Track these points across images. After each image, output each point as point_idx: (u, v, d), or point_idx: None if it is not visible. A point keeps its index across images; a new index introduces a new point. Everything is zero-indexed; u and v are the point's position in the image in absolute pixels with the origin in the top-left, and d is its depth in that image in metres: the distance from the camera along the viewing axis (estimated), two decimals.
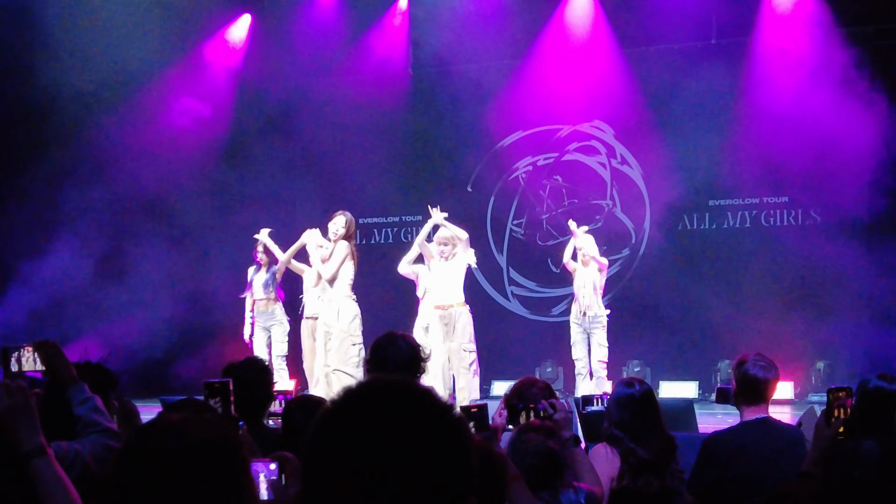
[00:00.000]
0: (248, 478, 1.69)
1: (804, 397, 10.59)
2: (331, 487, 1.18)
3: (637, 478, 3.96)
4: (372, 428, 1.19)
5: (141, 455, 1.62)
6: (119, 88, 11.21)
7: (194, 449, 1.61)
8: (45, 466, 2.14)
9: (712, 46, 11.56)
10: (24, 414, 2.17)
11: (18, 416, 2.17)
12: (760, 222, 11.60)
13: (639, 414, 4.04)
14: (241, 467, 1.68)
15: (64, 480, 2.14)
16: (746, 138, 11.08)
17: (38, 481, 2.12)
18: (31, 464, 2.14)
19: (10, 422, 2.16)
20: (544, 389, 3.83)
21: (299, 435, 3.16)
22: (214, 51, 12.52)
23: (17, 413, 2.17)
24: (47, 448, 2.17)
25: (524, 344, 11.75)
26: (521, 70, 12.12)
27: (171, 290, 11.38)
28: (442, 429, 1.22)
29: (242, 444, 1.70)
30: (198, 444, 1.62)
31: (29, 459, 2.14)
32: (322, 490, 1.19)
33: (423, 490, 1.18)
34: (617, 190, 12.23)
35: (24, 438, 2.16)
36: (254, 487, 1.74)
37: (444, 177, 12.50)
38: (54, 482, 2.12)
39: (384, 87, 12.45)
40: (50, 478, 2.13)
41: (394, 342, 3.83)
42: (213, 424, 1.69)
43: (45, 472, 2.13)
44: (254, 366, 4.03)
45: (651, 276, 11.84)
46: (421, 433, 1.20)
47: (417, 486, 1.17)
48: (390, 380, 1.27)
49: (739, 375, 3.90)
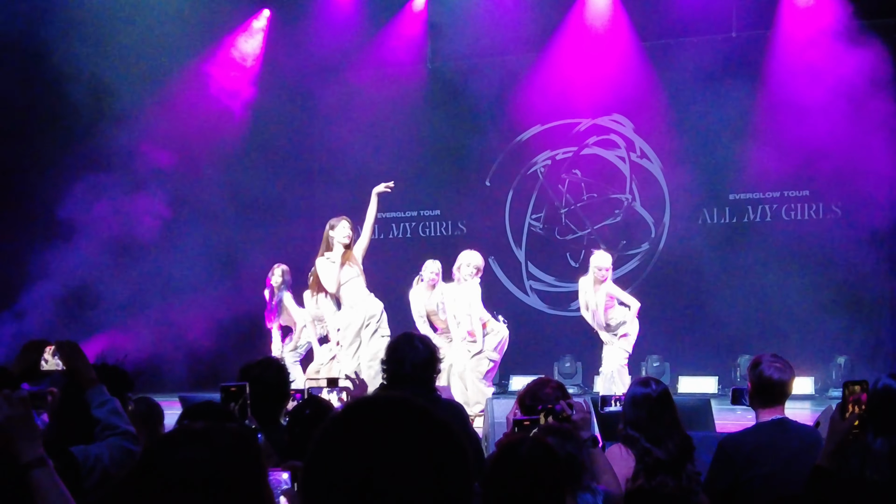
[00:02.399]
0: (267, 488, 1.71)
1: (824, 393, 10.52)
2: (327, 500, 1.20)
3: (652, 478, 3.94)
4: (371, 445, 1.21)
5: (162, 465, 1.63)
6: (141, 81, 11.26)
7: (216, 459, 1.62)
8: (45, 477, 2.13)
9: (733, 39, 11.48)
10: (24, 425, 2.16)
11: (18, 427, 2.15)
12: (781, 216, 11.53)
13: (655, 414, 4.02)
14: (261, 477, 1.70)
15: (63, 492, 2.13)
16: (767, 132, 11.01)
17: (38, 492, 2.11)
18: (30, 475, 2.13)
19: (10, 432, 2.15)
20: (557, 389, 3.82)
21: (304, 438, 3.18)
22: (233, 47, 12.55)
23: (17, 424, 2.15)
24: (47, 459, 2.16)
25: (543, 339, 11.74)
26: (539, 64, 12.08)
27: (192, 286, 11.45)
28: (440, 445, 1.24)
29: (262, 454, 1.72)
30: (219, 453, 1.62)
31: (28, 470, 2.13)
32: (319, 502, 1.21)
33: None
34: (636, 184, 12.18)
35: (24, 449, 2.14)
36: (272, 497, 1.75)
37: (463, 171, 12.50)
38: (54, 493, 2.12)
39: (402, 82, 12.45)
40: (49, 489, 2.12)
41: (412, 343, 3.85)
42: (234, 434, 1.70)
43: (44, 483, 2.12)
44: (270, 366, 4.06)
45: (671, 270, 11.79)
46: (418, 449, 1.21)
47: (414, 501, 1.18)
48: (391, 397, 1.29)
49: (754, 377, 3.87)
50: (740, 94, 11.10)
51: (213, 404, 3.00)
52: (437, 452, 1.22)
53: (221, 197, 11.80)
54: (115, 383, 2.97)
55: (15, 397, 2.16)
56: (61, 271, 10.76)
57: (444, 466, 1.22)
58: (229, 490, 1.60)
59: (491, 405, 6.44)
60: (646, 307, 11.16)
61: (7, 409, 2.15)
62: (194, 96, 11.79)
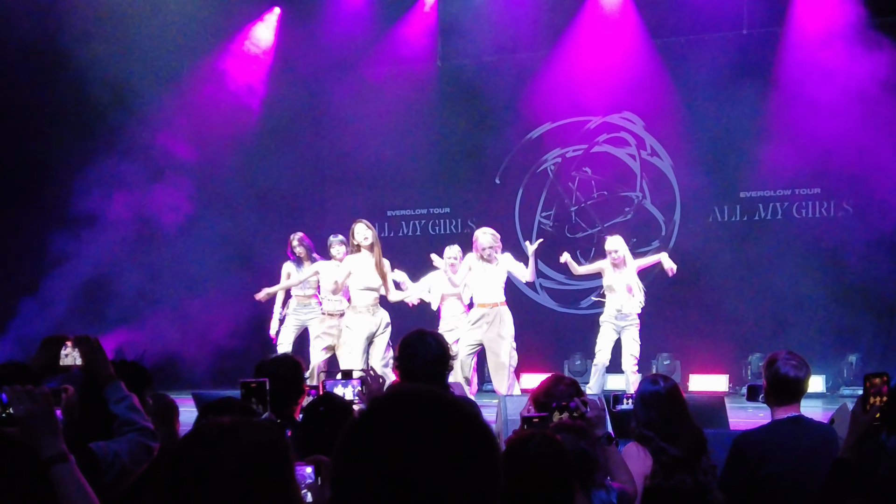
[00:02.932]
0: (295, 482, 1.72)
1: (836, 391, 10.49)
2: (361, 497, 1.20)
3: (670, 476, 3.94)
4: (400, 438, 1.21)
5: (194, 459, 1.64)
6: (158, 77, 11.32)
7: (246, 453, 1.63)
8: (66, 473, 2.13)
9: (744, 36, 11.45)
10: (47, 420, 2.17)
11: (40, 423, 2.16)
12: (792, 214, 11.49)
13: (666, 411, 4.03)
14: (290, 471, 1.71)
15: (85, 487, 2.13)
16: (778, 129, 10.97)
17: (59, 488, 2.12)
18: (52, 470, 2.13)
19: (33, 428, 2.16)
20: (571, 386, 3.82)
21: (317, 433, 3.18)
22: (245, 44, 12.58)
23: (40, 419, 2.16)
24: (68, 454, 2.17)
25: (553, 337, 11.74)
26: (550, 61, 12.06)
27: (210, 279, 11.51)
28: (470, 438, 1.24)
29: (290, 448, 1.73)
30: (250, 447, 1.64)
31: (50, 466, 2.14)
32: (352, 499, 1.21)
33: (452, 498, 1.19)
34: (647, 182, 12.16)
35: (46, 444, 2.15)
36: (300, 491, 1.76)
37: (473, 169, 12.49)
38: (75, 489, 2.12)
39: (412, 80, 12.45)
40: (71, 484, 2.12)
41: (423, 339, 3.85)
42: (263, 428, 1.72)
43: (66, 478, 2.13)
44: (286, 362, 4.08)
45: (681, 268, 11.69)
46: (449, 442, 1.22)
47: (445, 494, 1.19)
48: (418, 389, 1.29)
49: (770, 374, 3.86)
50: (752, 92, 11.06)
51: (233, 400, 3.00)
52: (466, 445, 1.23)
53: (237, 191, 11.86)
54: (134, 379, 2.98)
55: (37, 393, 2.17)
56: (81, 262, 10.86)
57: (473, 459, 1.22)
58: (259, 484, 1.62)
59: (504, 402, 6.44)
60: (656, 305, 11.18)
61: (29, 405, 2.16)
62: (210, 91, 11.88)
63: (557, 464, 2.62)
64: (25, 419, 2.15)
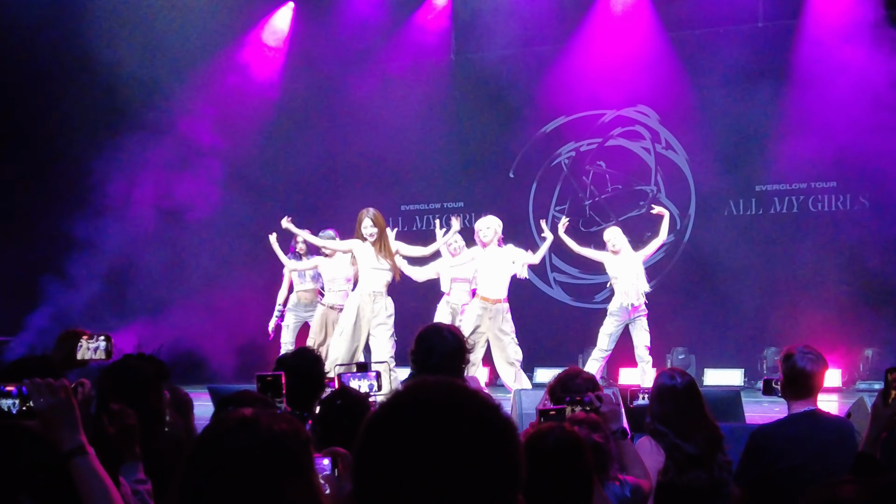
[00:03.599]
0: (315, 473, 1.73)
1: (852, 385, 10.44)
2: (382, 487, 1.21)
3: (683, 473, 3.93)
4: (422, 430, 1.21)
5: (215, 450, 1.65)
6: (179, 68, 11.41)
7: (268, 444, 1.63)
8: (86, 466, 2.13)
9: (759, 29, 11.39)
10: (66, 413, 2.16)
11: (60, 416, 2.15)
12: (808, 208, 11.43)
13: (682, 407, 4.01)
14: (311, 462, 1.72)
15: (105, 480, 2.13)
16: (793, 123, 10.91)
17: (79, 480, 2.12)
18: (71, 463, 2.13)
19: (52, 421, 2.15)
20: (588, 381, 3.81)
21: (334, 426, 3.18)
22: (259, 39, 12.62)
23: (59, 412, 2.16)
24: (87, 447, 2.16)
25: (567, 331, 11.72)
26: (564, 55, 12.03)
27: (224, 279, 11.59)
28: (491, 430, 1.24)
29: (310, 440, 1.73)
30: (272, 438, 1.64)
31: (69, 458, 2.14)
32: (373, 490, 1.22)
33: (473, 489, 1.19)
34: (661, 175, 12.12)
35: (66, 437, 2.14)
36: (320, 482, 1.77)
37: (487, 163, 12.48)
38: (95, 481, 2.12)
39: (426, 74, 12.44)
40: (91, 477, 2.12)
41: (440, 333, 3.85)
42: (285, 419, 1.72)
43: (85, 471, 2.12)
44: (306, 356, 4.09)
45: (696, 262, 11.73)
46: (470, 434, 1.22)
47: (467, 485, 1.19)
48: (438, 382, 1.29)
49: (787, 368, 3.85)
50: (767, 85, 11.01)
51: (251, 393, 3.02)
52: (488, 437, 1.23)
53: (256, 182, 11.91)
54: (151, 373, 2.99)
55: (57, 386, 2.18)
56: (105, 251, 10.98)
57: (495, 451, 1.23)
58: (280, 475, 1.62)
59: (519, 396, 6.45)
60: (671, 299, 11.16)
61: (49, 398, 2.16)
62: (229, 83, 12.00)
63: (577, 457, 2.62)
64: (45, 412, 2.16)
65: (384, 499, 1.21)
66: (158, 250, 11.40)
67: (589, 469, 2.65)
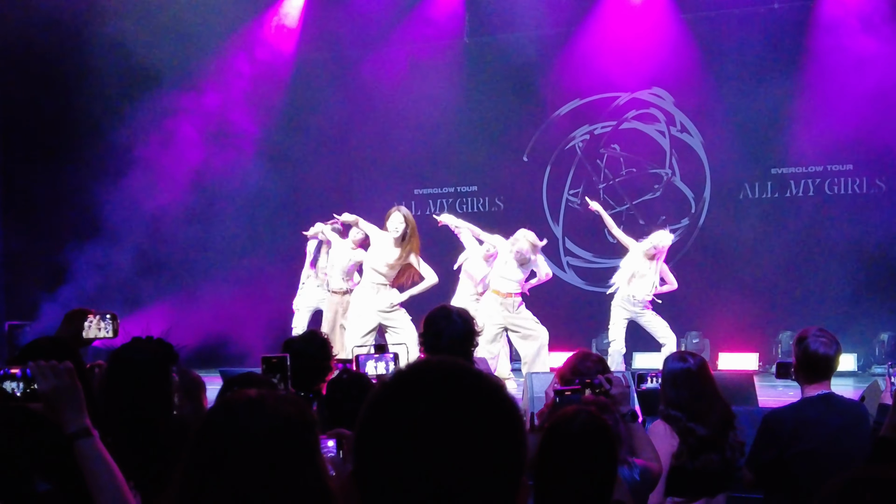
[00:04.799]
0: (321, 454, 1.72)
1: (867, 369, 10.38)
2: (382, 468, 1.19)
3: (696, 457, 3.92)
4: (424, 409, 1.20)
5: (221, 431, 1.65)
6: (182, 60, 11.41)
7: (273, 425, 1.63)
8: (90, 448, 2.13)
9: (775, 11, 11.27)
10: (71, 395, 2.16)
11: (64, 397, 2.16)
12: (824, 191, 11.34)
13: (696, 389, 4.00)
14: (316, 443, 1.72)
15: (109, 462, 2.14)
16: (809, 105, 10.81)
17: (84, 462, 2.12)
18: (76, 445, 2.14)
19: (57, 403, 2.16)
20: (598, 363, 3.80)
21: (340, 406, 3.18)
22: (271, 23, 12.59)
23: (63, 394, 2.16)
24: (92, 429, 2.16)
25: (580, 315, 11.68)
26: (578, 37, 11.95)
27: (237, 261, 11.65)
28: (494, 410, 1.23)
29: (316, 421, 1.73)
30: (278, 420, 1.64)
31: (74, 440, 2.14)
32: (373, 468, 1.21)
33: (476, 471, 1.18)
34: (676, 158, 12.04)
35: (70, 420, 2.15)
36: (325, 463, 1.76)
37: (500, 147, 12.42)
38: (100, 463, 2.12)
39: (440, 57, 12.38)
40: (96, 459, 2.13)
41: (449, 317, 3.83)
42: (290, 400, 1.72)
43: (90, 453, 2.13)
44: (314, 339, 4.09)
45: (711, 246, 11.67)
46: (473, 414, 1.20)
47: (470, 467, 1.18)
48: (442, 361, 1.28)
49: (800, 352, 3.82)
50: (783, 67, 10.91)
51: (255, 375, 3.02)
52: (490, 417, 1.21)
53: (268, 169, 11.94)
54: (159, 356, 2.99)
55: (62, 368, 2.18)
56: (134, 230, 11.09)
57: (497, 431, 1.21)
58: (286, 456, 1.62)
59: (530, 379, 6.44)
60: (685, 283, 11.09)
61: (53, 380, 2.16)
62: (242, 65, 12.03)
63: (602, 441, 2.61)
64: (49, 394, 2.16)
65: (383, 477, 1.19)
66: (187, 228, 11.47)
67: (614, 453, 2.64)
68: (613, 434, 2.71)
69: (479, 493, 1.18)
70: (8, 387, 2.19)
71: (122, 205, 11.23)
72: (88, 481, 2.12)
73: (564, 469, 2.53)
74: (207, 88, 11.68)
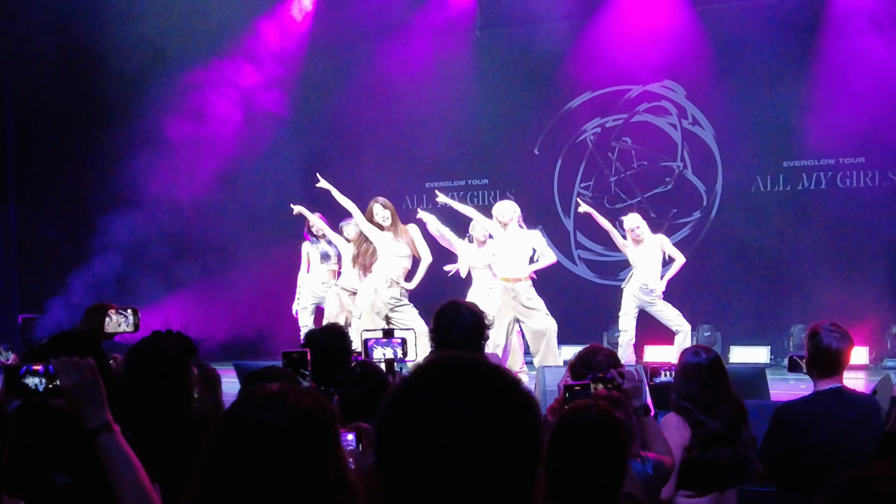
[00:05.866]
0: (341, 448, 1.75)
1: (879, 363, 10.36)
2: (404, 462, 1.22)
3: (707, 449, 3.94)
4: (444, 403, 1.22)
5: (243, 425, 1.66)
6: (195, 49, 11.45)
7: (295, 419, 1.65)
8: (112, 443, 2.15)
9: (787, 3, 11.22)
10: (92, 391, 2.18)
11: (86, 393, 2.18)
12: (836, 184, 11.30)
13: (707, 383, 4.01)
14: (337, 437, 1.73)
15: (130, 457, 2.16)
16: (822, 98, 10.77)
17: (105, 457, 2.15)
18: (97, 440, 2.16)
19: (78, 399, 2.18)
20: (609, 357, 3.81)
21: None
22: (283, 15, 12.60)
23: (85, 390, 2.18)
24: (113, 424, 2.19)
25: (591, 309, 11.68)
26: (589, 30, 11.92)
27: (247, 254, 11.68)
28: (512, 403, 1.25)
29: (337, 415, 1.75)
30: (299, 413, 1.66)
31: (96, 436, 2.16)
32: (394, 462, 1.23)
33: (495, 464, 1.20)
34: (688, 151, 12.02)
35: (92, 415, 2.17)
36: (346, 457, 1.78)
37: (511, 139, 12.42)
38: (121, 458, 2.15)
39: (450, 49, 12.38)
40: (117, 454, 2.15)
41: (458, 311, 3.85)
42: (311, 394, 1.74)
43: (112, 448, 2.15)
44: (333, 332, 4.13)
45: (723, 239, 11.66)
46: (492, 408, 1.22)
47: (489, 460, 1.20)
48: (461, 356, 1.30)
49: (813, 346, 3.84)
50: (795, 59, 10.87)
51: (277, 369, 3.04)
52: (508, 411, 1.23)
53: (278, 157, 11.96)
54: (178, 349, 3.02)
55: (83, 364, 2.20)
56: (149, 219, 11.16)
57: (516, 425, 1.23)
58: (307, 450, 1.64)
59: (542, 373, 6.46)
60: (697, 276, 11.09)
61: (75, 376, 2.19)
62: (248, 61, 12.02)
63: (611, 435, 2.63)
64: (71, 391, 2.18)
65: (404, 470, 1.22)
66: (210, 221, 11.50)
67: (623, 447, 2.66)
68: (623, 428, 2.72)
69: (499, 485, 1.20)
70: (31, 383, 2.22)
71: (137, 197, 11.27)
72: (111, 476, 2.14)
73: (573, 463, 2.55)
74: (227, 71, 11.70)
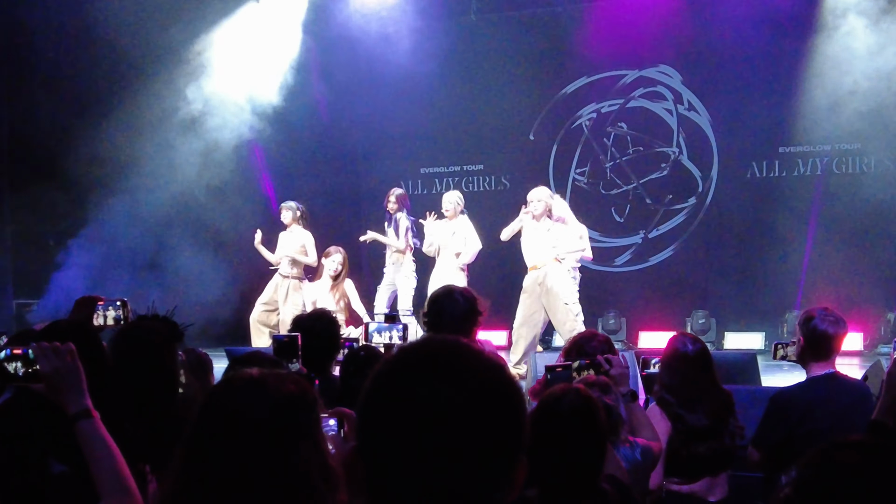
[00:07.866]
0: (322, 432, 1.74)
1: (873, 349, 10.37)
2: (385, 445, 1.21)
3: (687, 443, 3.92)
4: (425, 387, 1.21)
5: (223, 410, 1.66)
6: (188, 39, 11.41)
7: (275, 404, 1.65)
8: (91, 429, 2.15)
9: None
10: (72, 376, 2.18)
11: (65, 379, 2.17)
12: (832, 169, 11.28)
13: (691, 376, 3.98)
14: (317, 422, 1.73)
15: (109, 442, 2.15)
16: (818, 84, 10.73)
17: (85, 443, 2.14)
18: (77, 426, 2.15)
19: (57, 384, 2.17)
20: (604, 343, 3.79)
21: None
22: None
23: (65, 375, 2.17)
24: (93, 410, 2.18)
25: (587, 294, 11.64)
26: (585, 15, 11.87)
27: None
28: (495, 388, 1.23)
29: (318, 400, 1.74)
30: (278, 399, 1.66)
31: (75, 422, 2.16)
32: (376, 444, 1.22)
33: (476, 447, 1.19)
34: (684, 137, 11.99)
35: (72, 401, 2.17)
36: (326, 441, 1.78)
37: (506, 125, 12.37)
38: (100, 444, 2.14)
39: (446, 33, 12.30)
40: (95, 440, 2.14)
41: (451, 296, 3.83)
42: (292, 380, 1.73)
43: (91, 434, 2.15)
44: (322, 317, 4.12)
45: (718, 225, 11.65)
46: (474, 392, 1.21)
47: (470, 443, 1.19)
48: (444, 339, 1.29)
49: (807, 331, 3.82)
50: (791, 44, 10.83)
51: (261, 354, 3.03)
52: (491, 395, 1.22)
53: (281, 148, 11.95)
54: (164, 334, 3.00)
55: (63, 350, 2.19)
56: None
57: (498, 409, 1.22)
58: (287, 435, 1.64)
59: (534, 359, 6.46)
60: (692, 262, 11.10)
61: (55, 361, 2.18)
62: None
63: (590, 420, 2.61)
64: (51, 376, 2.17)
65: (386, 452, 1.21)
66: None
67: (602, 432, 2.65)
68: (603, 411, 2.71)
69: (479, 469, 1.19)
70: (11, 367, 2.20)
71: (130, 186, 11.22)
72: (89, 462, 2.13)
73: (553, 447, 2.54)
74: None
